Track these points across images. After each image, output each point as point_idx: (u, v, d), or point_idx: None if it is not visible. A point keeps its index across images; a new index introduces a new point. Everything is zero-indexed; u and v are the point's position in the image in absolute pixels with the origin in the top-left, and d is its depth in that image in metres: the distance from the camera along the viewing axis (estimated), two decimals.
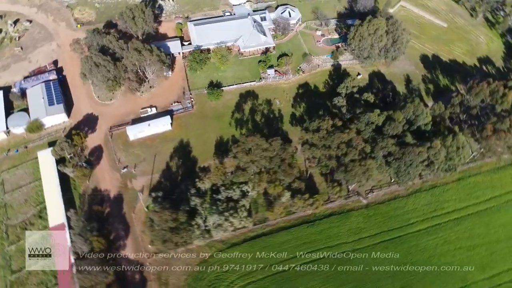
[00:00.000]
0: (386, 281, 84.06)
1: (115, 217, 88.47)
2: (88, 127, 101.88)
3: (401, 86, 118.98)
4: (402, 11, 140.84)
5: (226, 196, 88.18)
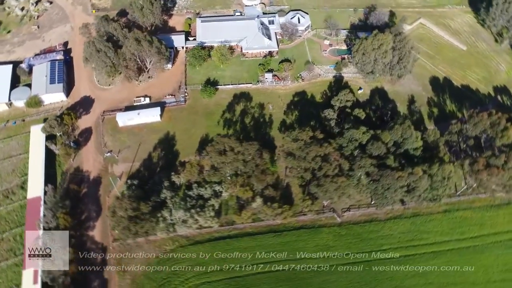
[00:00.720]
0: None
1: (90, 198, 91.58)
2: (83, 108, 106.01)
3: (403, 106, 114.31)
4: (420, 28, 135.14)
5: (198, 193, 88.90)
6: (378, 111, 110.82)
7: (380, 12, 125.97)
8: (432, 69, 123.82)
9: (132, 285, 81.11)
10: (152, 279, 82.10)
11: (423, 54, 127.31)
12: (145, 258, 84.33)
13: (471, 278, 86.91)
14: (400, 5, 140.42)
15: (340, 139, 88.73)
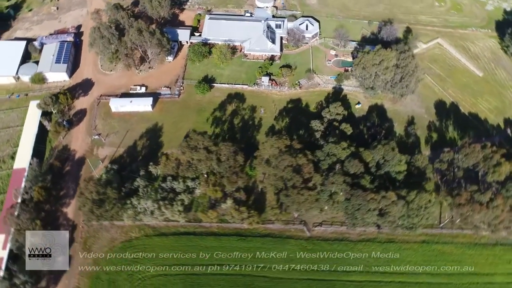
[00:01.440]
0: None
1: (71, 176, 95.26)
2: (83, 90, 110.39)
3: (401, 126, 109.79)
4: (436, 48, 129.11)
5: (171, 186, 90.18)
6: (373, 129, 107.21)
7: (392, 27, 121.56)
8: (440, 92, 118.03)
9: (93, 265, 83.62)
10: (113, 262, 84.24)
11: (434, 75, 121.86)
12: (110, 241, 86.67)
13: None
14: (419, 22, 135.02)
15: (318, 152, 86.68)
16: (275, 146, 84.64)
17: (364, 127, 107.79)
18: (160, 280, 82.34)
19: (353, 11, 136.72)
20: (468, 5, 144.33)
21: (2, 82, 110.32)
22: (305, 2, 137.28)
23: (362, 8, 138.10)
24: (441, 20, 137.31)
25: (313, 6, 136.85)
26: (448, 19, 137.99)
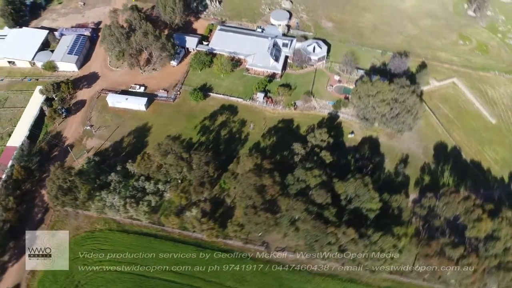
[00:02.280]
0: None
1: (57, 161, 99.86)
2: (88, 82, 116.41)
3: (392, 163, 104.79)
4: (450, 88, 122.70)
5: (142, 186, 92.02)
6: (361, 161, 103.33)
7: (402, 59, 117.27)
8: (443, 133, 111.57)
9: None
10: (73, 249, 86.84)
11: (441, 115, 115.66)
12: (76, 229, 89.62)
13: None
14: (437, 59, 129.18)
15: (289, 176, 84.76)
16: (245, 163, 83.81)
17: (352, 158, 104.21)
18: (111, 275, 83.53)
19: (368, 39, 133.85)
20: (496, 47, 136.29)
21: (20, 65, 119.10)
22: (320, 25, 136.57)
23: (379, 37, 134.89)
24: (462, 59, 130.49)
25: (328, 29, 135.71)
26: (470, 59, 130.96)
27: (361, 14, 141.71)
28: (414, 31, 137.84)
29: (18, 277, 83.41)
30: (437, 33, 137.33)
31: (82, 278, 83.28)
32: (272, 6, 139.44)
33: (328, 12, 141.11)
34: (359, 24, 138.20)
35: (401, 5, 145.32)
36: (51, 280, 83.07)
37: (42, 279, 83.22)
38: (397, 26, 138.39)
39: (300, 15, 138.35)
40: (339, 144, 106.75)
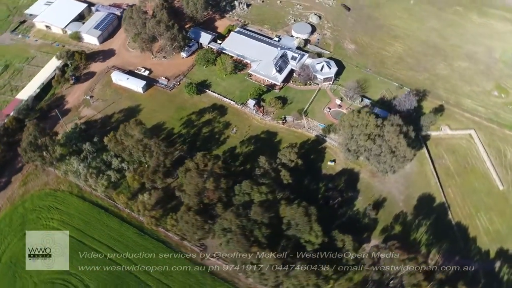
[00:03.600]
0: None
1: (52, 120, 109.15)
2: (103, 57, 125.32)
3: (364, 203, 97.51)
4: (464, 139, 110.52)
5: (109, 161, 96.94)
6: (331, 192, 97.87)
7: (409, 96, 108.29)
8: (436, 186, 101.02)
9: (20, 197, 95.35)
10: (34, 202, 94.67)
11: (441, 166, 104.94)
12: (43, 185, 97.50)
13: None
14: (459, 105, 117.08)
15: (236, 186, 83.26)
16: (195, 162, 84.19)
17: (323, 187, 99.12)
18: (55, 234, 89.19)
19: (388, 69, 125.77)
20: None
21: (54, 30, 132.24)
22: (341, 45, 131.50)
23: (402, 70, 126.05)
24: (490, 112, 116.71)
25: (348, 51, 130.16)
26: (499, 113, 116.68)
27: (390, 42, 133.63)
28: (444, 71, 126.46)
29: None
30: (470, 78, 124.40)
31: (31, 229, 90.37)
32: (298, 18, 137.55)
33: (355, 34, 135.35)
34: (383, 52, 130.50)
35: (440, 43, 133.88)
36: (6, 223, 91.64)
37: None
38: (426, 62, 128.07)
39: (324, 32, 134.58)
40: (315, 169, 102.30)
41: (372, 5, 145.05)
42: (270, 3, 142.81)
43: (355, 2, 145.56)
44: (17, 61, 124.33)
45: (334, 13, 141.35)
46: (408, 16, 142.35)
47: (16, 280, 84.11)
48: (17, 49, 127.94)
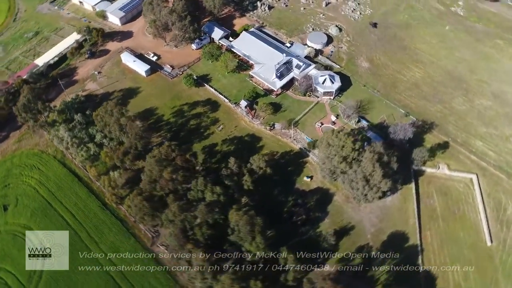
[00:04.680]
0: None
1: (58, 89, 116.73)
2: (121, 37, 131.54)
3: (330, 226, 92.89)
4: (461, 183, 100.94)
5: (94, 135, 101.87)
6: (298, 208, 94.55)
7: (406, 126, 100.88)
8: (413, 226, 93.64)
9: (11, 152, 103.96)
10: (21, 159, 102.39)
11: (426, 206, 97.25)
12: (34, 145, 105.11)
13: None
14: (467, 146, 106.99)
15: (193, 181, 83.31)
16: (160, 150, 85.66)
17: (291, 200, 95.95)
18: (30, 191, 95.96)
19: (399, 94, 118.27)
20: None
21: (85, 7, 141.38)
22: (355, 61, 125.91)
23: (412, 97, 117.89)
24: (502, 159, 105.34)
25: (360, 68, 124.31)
26: None
27: (410, 66, 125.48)
28: (461, 106, 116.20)
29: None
30: (490, 119, 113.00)
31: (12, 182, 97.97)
32: (318, 28, 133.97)
33: (373, 52, 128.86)
34: (398, 76, 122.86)
35: (466, 75, 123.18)
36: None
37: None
38: (444, 94, 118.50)
39: (341, 45, 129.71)
40: (290, 182, 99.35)
41: (401, 25, 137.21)
42: (293, 9, 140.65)
43: (383, 19, 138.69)
44: (47, 30, 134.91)
45: (357, 28, 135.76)
46: (438, 42, 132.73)
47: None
48: (50, 19, 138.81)
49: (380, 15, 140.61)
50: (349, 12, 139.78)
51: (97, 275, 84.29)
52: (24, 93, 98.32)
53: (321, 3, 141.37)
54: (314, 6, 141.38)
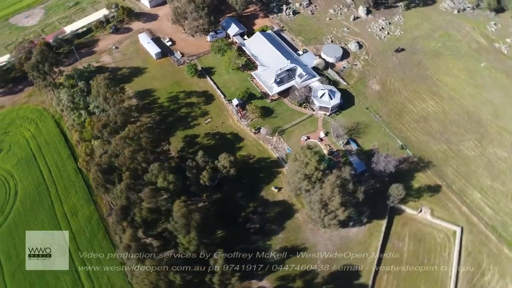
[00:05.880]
0: None
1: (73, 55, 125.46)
2: (146, 19, 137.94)
3: (281, 243, 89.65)
4: (442, 233, 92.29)
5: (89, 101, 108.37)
6: (255, 216, 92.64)
7: (388, 158, 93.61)
8: (370, 265, 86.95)
9: (20, 104, 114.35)
10: (25, 112, 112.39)
11: (392, 248, 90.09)
12: (40, 102, 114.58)
13: None
14: (462, 195, 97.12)
15: (152, 165, 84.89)
16: (130, 128, 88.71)
17: (252, 207, 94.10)
18: (23, 142, 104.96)
19: (402, 124, 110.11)
20: None
21: None
22: (366, 82, 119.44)
23: (416, 130, 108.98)
24: (498, 219, 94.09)
25: (369, 90, 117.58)
26: (510, 226, 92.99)
27: (424, 98, 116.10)
28: (470, 151, 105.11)
29: None
30: (499, 172, 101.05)
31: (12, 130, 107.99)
32: (337, 40, 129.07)
33: (389, 75, 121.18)
34: (408, 105, 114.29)
35: (487, 120, 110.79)
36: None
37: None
38: (454, 134, 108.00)
39: (356, 62, 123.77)
40: (257, 189, 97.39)
41: (430, 53, 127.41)
42: (318, 18, 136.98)
43: (412, 44, 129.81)
44: (86, 2, 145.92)
45: (380, 48, 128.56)
46: (467, 78, 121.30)
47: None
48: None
49: (410, 38, 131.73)
50: (376, 30, 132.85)
51: (50, 225, 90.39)
52: (34, 54, 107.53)
53: (349, 17, 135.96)
54: (341, 18, 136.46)
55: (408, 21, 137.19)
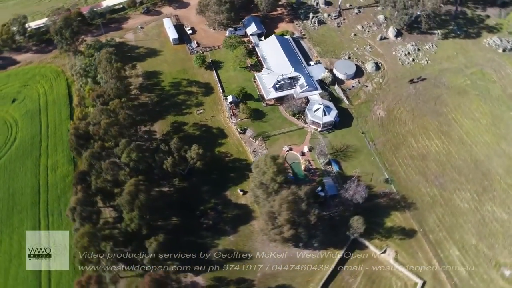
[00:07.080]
0: None
1: (107, 30, 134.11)
2: (178, 5, 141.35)
3: (230, 245, 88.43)
4: (402, 282, 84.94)
5: None
6: (213, 212, 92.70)
7: (360, 188, 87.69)
8: None
9: (46, 63, 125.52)
10: (46, 70, 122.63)
11: (341, 283, 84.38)
12: (61, 64, 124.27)
13: None
14: (437, 247, 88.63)
15: (123, 140, 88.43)
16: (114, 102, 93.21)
17: (213, 204, 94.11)
18: (35, 96, 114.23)
19: (395, 157, 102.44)
20: None
21: None
22: (371, 106, 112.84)
23: (409, 167, 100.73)
24: (473, 284, 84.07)
25: (372, 115, 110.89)
26: None
27: (430, 135, 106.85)
28: (465, 204, 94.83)
29: None
30: (490, 234, 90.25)
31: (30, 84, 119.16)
32: (355, 58, 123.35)
33: (399, 103, 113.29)
34: (410, 139, 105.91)
35: (496, 173, 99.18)
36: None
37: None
38: (451, 180, 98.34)
39: (368, 83, 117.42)
40: (223, 187, 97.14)
41: (454, 89, 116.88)
42: (343, 31, 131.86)
43: (437, 76, 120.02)
44: None
45: (399, 74, 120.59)
46: (488, 124, 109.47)
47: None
48: None
49: (437, 70, 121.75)
50: (401, 54, 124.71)
51: (31, 174, 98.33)
52: (59, 20, 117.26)
53: (376, 36, 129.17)
54: (367, 36, 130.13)
55: (440, 51, 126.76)
